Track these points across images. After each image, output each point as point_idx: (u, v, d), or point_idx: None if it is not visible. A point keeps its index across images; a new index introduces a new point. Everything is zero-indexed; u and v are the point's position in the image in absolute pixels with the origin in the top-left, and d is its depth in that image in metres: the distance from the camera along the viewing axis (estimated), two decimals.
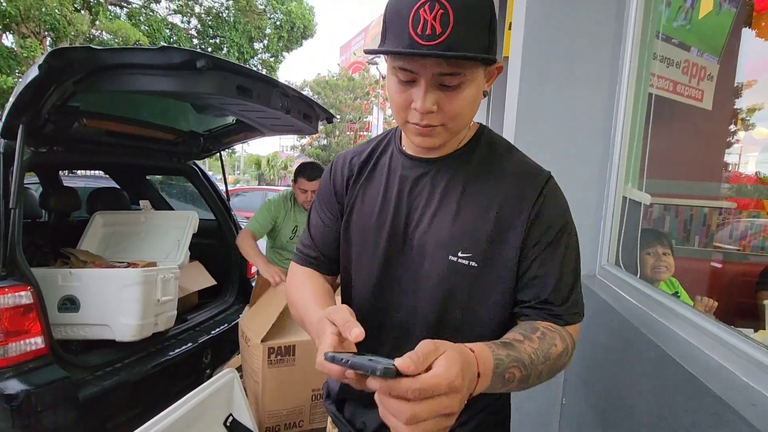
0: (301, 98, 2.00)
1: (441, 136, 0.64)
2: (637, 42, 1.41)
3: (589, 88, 1.44)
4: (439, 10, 0.55)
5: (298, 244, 0.85)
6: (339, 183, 0.79)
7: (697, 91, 1.85)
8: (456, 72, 0.58)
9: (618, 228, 1.39)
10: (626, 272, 1.30)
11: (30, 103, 1.48)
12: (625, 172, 1.39)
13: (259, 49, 13.63)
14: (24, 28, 9.34)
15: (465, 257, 0.66)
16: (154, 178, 3.57)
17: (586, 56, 1.44)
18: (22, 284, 1.47)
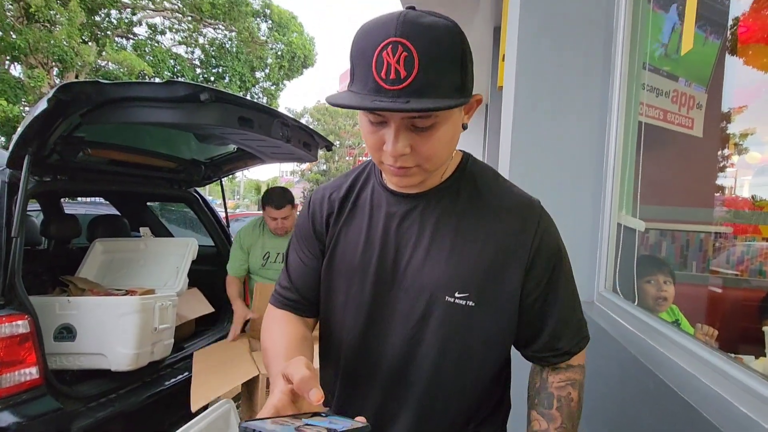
0: (300, 127, 2.05)
1: (417, 176, 0.61)
2: (625, 73, 1.46)
3: (580, 117, 1.49)
4: (403, 53, 0.51)
5: (276, 286, 0.78)
6: (319, 221, 0.73)
7: (687, 119, 1.90)
8: (427, 114, 0.54)
9: (614, 255, 1.41)
10: (624, 299, 1.31)
11: (37, 135, 1.52)
12: (619, 199, 1.42)
13: (260, 77, 13.98)
14: (32, 59, 9.61)
15: (462, 297, 0.63)
16: (154, 204, 3.60)
17: (577, 87, 1.49)
18: (19, 313, 1.46)
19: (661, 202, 1.75)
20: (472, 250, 0.64)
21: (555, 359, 0.69)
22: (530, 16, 1.51)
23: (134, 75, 10.83)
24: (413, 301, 0.66)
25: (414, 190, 0.67)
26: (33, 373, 1.46)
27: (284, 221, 2.16)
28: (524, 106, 1.50)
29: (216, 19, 12.48)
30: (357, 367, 0.70)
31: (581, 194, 1.46)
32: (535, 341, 0.69)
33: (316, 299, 0.75)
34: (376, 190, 0.71)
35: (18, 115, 8.94)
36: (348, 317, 0.70)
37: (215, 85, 12.95)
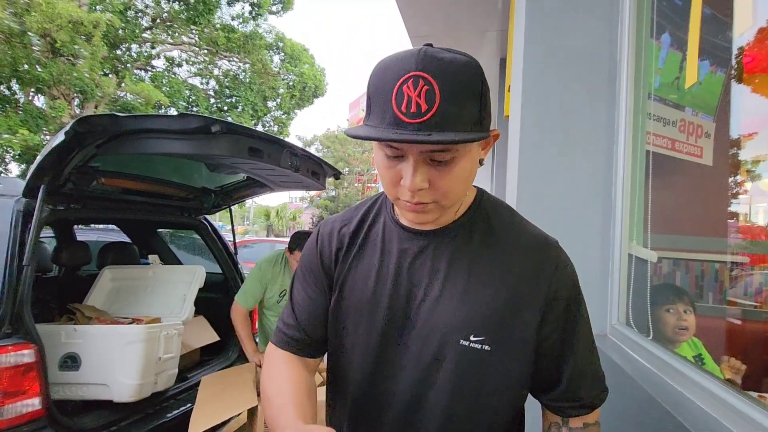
0: (309, 157, 2.08)
1: (434, 212, 0.60)
2: (630, 103, 1.47)
3: (587, 146, 1.49)
4: (424, 86, 0.51)
5: (279, 323, 0.74)
6: (327, 255, 0.71)
7: (696, 148, 1.89)
8: (446, 148, 0.54)
9: (626, 286, 1.38)
10: (638, 333, 1.26)
11: (53, 166, 1.56)
12: (629, 230, 1.40)
13: (272, 107, 14.37)
14: (55, 90, 10.03)
15: (477, 341, 0.61)
16: (164, 230, 3.64)
17: (583, 116, 1.50)
18: (25, 342, 1.46)
19: (672, 232, 1.72)
20: (487, 291, 0.62)
21: (574, 411, 0.67)
22: (534, 48, 1.54)
23: (151, 105, 11.22)
24: (425, 342, 0.63)
25: (428, 226, 0.65)
26: (35, 404, 1.44)
27: None
28: (530, 137, 1.51)
29: (231, 51, 12.98)
30: (366, 409, 0.67)
31: (590, 224, 1.44)
32: (554, 389, 0.66)
33: (323, 338, 0.71)
34: (388, 225, 0.69)
35: (38, 144, 9.25)
36: (357, 357, 0.67)
37: (228, 114, 13.33)
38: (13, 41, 9.05)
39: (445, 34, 4.27)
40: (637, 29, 1.46)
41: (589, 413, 0.67)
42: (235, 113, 13.30)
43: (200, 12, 11.57)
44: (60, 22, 8.80)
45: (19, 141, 9.05)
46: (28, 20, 8.64)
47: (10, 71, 9.25)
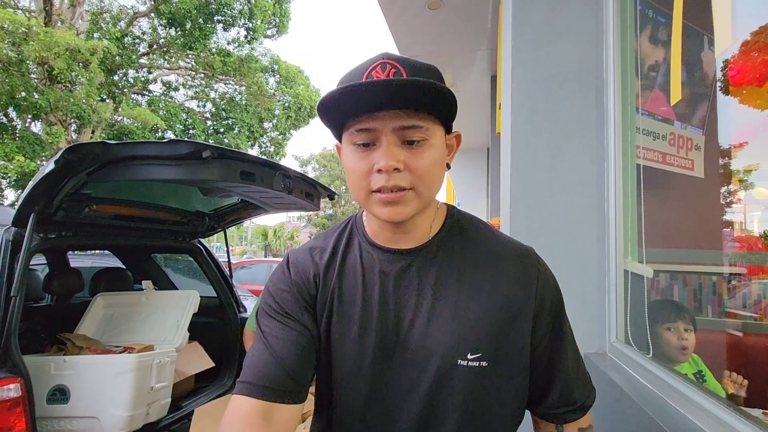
0: (302, 178, 2.08)
1: (412, 203, 0.57)
2: (619, 118, 1.49)
3: (577, 163, 1.50)
4: (391, 69, 0.55)
5: (247, 375, 0.59)
6: (304, 285, 0.65)
7: (687, 161, 1.91)
8: (418, 125, 0.55)
9: (623, 303, 1.36)
10: (638, 351, 1.24)
11: (44, 194, 1.55)
12: (624, 245, 1.39)
13: (268, 128, 14.50)
14: (52, 116, 10.10)
15: (475, 358, 0.59)
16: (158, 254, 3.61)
17: (572, 133, 1.51)
18: (12, 376, 1.42)
19: (667, 245, 1.71)
20: (478, 305, 0.61)
21: (572, 415, 0.66)
22: (521, 68, 1.56)
23: (148, 129, 11.30)
24: (421, 369, 0.60)
25: (407, 243, 0.64)
26: None
27: None
28: (521, 155, 1.52)
29: (227, 75, 13.17)
30: None
31: (585, 241, 1.44)
32: (547, 396, 0.66)
33: (306, 379, 0.62)
34: (364, 248, 0.66)
35: (34, 170, 9.25)
36: (346, 395, 0.63)
37: (225, 135, 13.43)
38: (12, 70, 9.15)
39: (436, 53, 4.35)
40: (622, 48, 1.48)
41: (583, 416, 0.67)
42: (231, 135, 13.39)
43: (196, 37, 11.78)
44: (58, 51, 8.93)
45: (15, 167, 9.06)
46: (26, 49, 8.76)
47: (8, 99, 9.33)
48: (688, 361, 1.44)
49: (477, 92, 5.15)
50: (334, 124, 0.61)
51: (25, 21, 8.84)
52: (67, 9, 10.94)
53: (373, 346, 0.62)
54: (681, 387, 0.93)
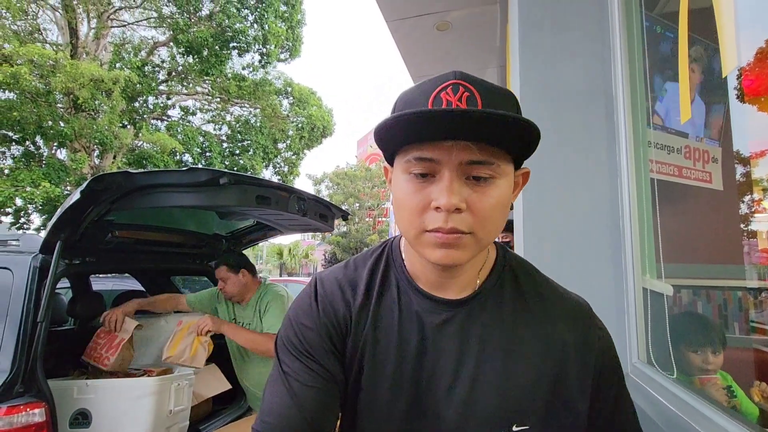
0: (316, 201, 2.11)
1: (468, 249, 0.50)
2: (630, 134, 1.48)
3: (588, 181, 1.49)
4: (465, 93, 0.47)
5: (265, 415, 0.54)
6: (333, 328, 0.57)
7: (704, 174, 1.88)
8: (488, 161, 0.48)
9: (644, 322, 1.33)
10: (661, 372, 1.21)
11: (70, 222, 1.62)
12: (641, 263, 1.37)
13: (282, 149, 14.78)
14: (76, 143, 10.51)
15: (521, 430, 0.53)
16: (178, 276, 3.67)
17: (582, 150, 1.51)
18: (37, 401, 1.46)
19: (687, 260, 1.68)
20: (529, 371, 0.54)
21: None
22: (529, 86, 1.58)
23: (166, 153, 11.64)
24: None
25: (452, 291, 0.56)
26: None
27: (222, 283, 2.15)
28: (532, 173, 1.52)
29: (242, 98, 13.56)
30: None
31: (600, 260, 1.42)
32: None
33: (329, 430, 0.55)
34: (403, 290, 0.58)
35: (59, 195, 9.59)
36: None
37: (240, 157, 13.74)
38: (39, 101, 9.61)
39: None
40: (630, 64, 1.49)
41: None
42: (246, 156, 13.69)
43: (212, 64, 12.19)
44: (82, 81, 9.35)
45: (41, 193, 9.41)
46: (54, 81, 9.20)
47: (35, 128, 9.77)
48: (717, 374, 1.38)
49: None
50: (388, 147, 0.53)
51: (52, 54, 9.31)
52: (91, 41, 11.50)
53: (404, 408, 0.55)
54: (708, 411, 0.90)
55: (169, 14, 12.07)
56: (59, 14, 11.25)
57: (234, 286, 2.12)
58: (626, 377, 1.34)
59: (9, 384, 1.43)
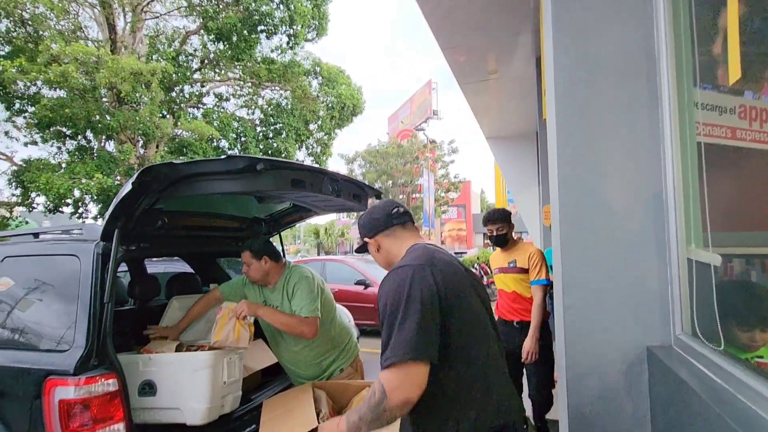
0: (349, 181, 2.15)
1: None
2: (674, 96, 1.40)
3: (629, 148, 1.43)
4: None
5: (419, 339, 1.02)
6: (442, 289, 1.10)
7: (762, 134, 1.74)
8: None
9: (688, 294, 1.29)
10: (706, 344, 1.17)
11: (124, 211, 1.75)
12: (685, 232, 1.31)
13: (313, 129, 14.91)
14: (122, 136, 11.09)
15: None
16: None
17: (621, 116, 1.44)
18: (110, 372, 1.63)
19: (737, 228, 1.58)
20: None
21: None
22: (564, 51, 1.51)
23: (204, 140, 12.07)
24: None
25: None
26: (120, 429, 1.60)
27: (246, 267, 2.23)
28: (567, 143, 1.48)
29: (272, 81, 13.70)
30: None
31: (642, 231, 1.37)
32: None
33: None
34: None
35: (111, 186, 10.23)
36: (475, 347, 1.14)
37: (274, 140, 14.02)
38: (87, 96, 10.16)
39: (477, 39, 4.24)
40: (674, 21, 1.39)
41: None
42: (279, 139, 13.94)
43: (242, 49, 12.34)
44: (124, 75, 9.78)
45: (95, 184, 10.07)
46: (98, 77, 9.68)
47: (86, 123, 10.37)
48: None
49: (521, 76, 4.97)
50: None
51: (95, 51, 9.76)
52: (128, 35, 11.92)
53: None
54: (755, 383, 0.88)
55: (198, 2, 12.26)
56: (97, 11, 11.70)
57: (256, 271, 2.21)
58: (669, 350, 1.31)
59: (85, 358, 1.60)
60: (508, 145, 6.99)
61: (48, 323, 1.81)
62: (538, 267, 2.66)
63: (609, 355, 1.40)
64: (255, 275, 2.22)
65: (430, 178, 22.74)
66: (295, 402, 1.96)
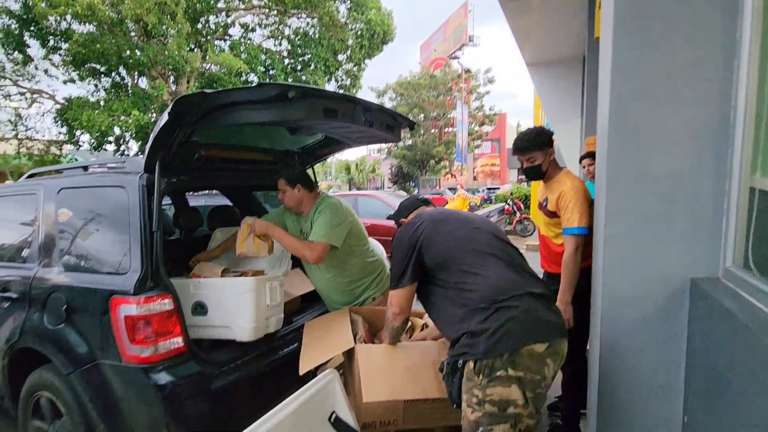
0: (382, 110, 2.08)
1: None
2: (759, 5, 1.20)
3: (696, 62, 1.27)
4: None
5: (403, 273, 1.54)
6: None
7: None
8: None
9: (746, 224, 1.20)
10: (760, 277, 1.12)
11: (163, 143, 1.78)
12: (752, 159, 1.20)
13: (342, 60, 14.31)
14: (154, 71, 11.10)
15: None
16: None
17: (690, 27, 1.27)
18: (165, 293, 1.77)
19: None
20: None
21: None
22: None
23: (233, 74, 11.90)
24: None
25: None
26: (179, 342, 1.77)
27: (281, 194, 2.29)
28: (624, 59, 1.33)
29: (298, 8, 12.99)
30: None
31: (700, 155, 1.27)
32: None
33: None
34: None
35: (148, 123, 10.48)
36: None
37: (302, 72, 13.63)
38: (115, 30, 10.08)
39: None
40: None
41: None
42: (308, 71, 13.54)
43: None
44: (148, 6, 9.54)
45: (133, 121, 10.34)
46: (123, 8, 9.51)
47: (117, 59, 10.41)
48: None
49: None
50: None
51: None
52: None
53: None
54: None
55: None
56: None
57: (290, 199, 2.27)
58: (716, 282, 1.27)
59: (142, 280, 1.74)
60: (551, 72, 6.47)
61: (106, 250, 1.97)
62: (569, 211, 1.99)
63: (650, 285, 1.37)
64: (289, 203, 2.29)
65: (464, 111, 21.75)
66: (333, 324, 2.09)
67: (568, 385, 2.20)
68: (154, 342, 1.70)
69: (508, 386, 1.22)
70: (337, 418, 1.61)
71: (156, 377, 1.68)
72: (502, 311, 1.28)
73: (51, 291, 1.98)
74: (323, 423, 1.59)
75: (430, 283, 1.52)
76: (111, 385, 1.75)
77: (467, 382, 1.30)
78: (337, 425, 1.60)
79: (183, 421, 1.71)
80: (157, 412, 1.68)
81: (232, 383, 1.89)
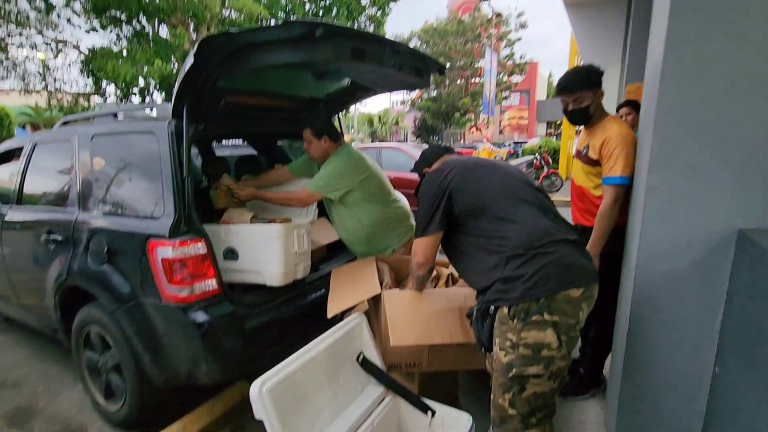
0: (411, 53, 1.97)
1: None
2: None
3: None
4: None
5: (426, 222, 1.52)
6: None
7: None
8: None
9: None
10: None
11: (189, 87, 1.76)
12: None
13: (366, 4, 13.60)
14: (174, 19, 10.87)
15: None
16: None
17: None
18: (198, 237, 1.83)
19: None
20: None
21: None
22: None
23: (253, 19, 11.53)
24: None
25: None
26: (213, 284, 1.85)
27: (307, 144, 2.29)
28: None
29: None
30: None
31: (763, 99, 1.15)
32: None
33: None
34: None
35: (170, 73, 10.41)
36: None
37: (324, 17, 13.07)
38: None
39: None
40: None
41: None
42: (330, 16, 12.97)
43: None
44: None
45: (156, 70, 10.29)
46: None
47: (137, 6, 10.19)
48: None
49: None
50: None
51: None
52: None
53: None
54: None
55: None
56: None
57: (316, 150, 2.27)
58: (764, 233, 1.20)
59: (176, 225, 1.79)
60: (592, 13, 5.97)
61: (139, 196, 2.02)
62: (613, 159, 1.81)
63: (691, 237, 1.32)
64: (314, 153, 2.27)
65: (493, 59, 20.56)
66: (360, 272, 2.13)
67: (594, 339, 2.17)
68: (190, 284, 1.78)
69: (543, 330, 1.24)
70: (365, 358, 1.69)
71: (194, 315, 1.77)
72: (539, 257, 1.27)
73: (92, 234, 2.07)
74: (351, 362, 1.66)
75: (458, 231, 1.50)
76: (153, 321, 1.87)
77: (501, 326, 1.32)
78: (364, 365, 1.67)
79: (220, 356, 1.82)
80: (196, 346, 1.79)
81: (264, 324, 1.98)
